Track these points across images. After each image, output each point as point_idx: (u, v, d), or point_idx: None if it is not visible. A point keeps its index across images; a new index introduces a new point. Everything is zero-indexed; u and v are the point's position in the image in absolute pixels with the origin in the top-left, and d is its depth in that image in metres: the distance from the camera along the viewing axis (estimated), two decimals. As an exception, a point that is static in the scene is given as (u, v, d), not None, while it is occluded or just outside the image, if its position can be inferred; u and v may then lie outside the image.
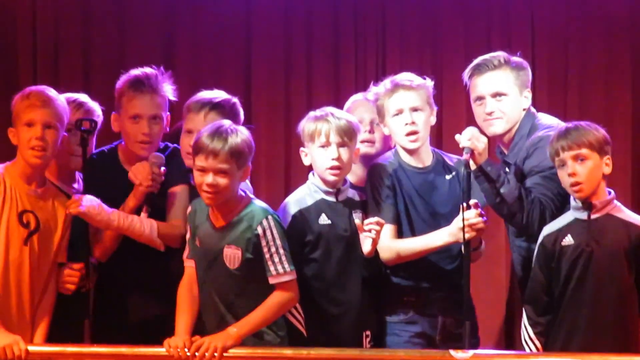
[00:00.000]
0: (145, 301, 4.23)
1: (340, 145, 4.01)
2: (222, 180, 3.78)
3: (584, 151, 3.84)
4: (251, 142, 3.88)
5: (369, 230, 3.92)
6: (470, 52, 5.67)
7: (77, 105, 4.25)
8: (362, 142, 4.28)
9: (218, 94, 4.27)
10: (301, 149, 4.13)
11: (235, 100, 4.28)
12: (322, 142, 4.02)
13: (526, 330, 3.95)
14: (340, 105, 4.36)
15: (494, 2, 6.01)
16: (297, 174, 5.70)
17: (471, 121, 4.33)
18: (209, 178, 3.78)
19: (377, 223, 3.93)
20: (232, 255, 3.84)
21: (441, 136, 5.75)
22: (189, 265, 3.96)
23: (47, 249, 4.03)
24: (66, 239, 4.09)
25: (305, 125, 4.07)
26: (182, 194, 4.21)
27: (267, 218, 3.83)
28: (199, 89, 4.40)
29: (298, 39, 6.03)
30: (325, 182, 4.06)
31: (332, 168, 4.01)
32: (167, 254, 4.19)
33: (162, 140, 4.32)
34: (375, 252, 4.04)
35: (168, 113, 4.30)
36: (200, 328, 3.88)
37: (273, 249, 3.81)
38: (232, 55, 6.01)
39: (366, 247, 3.95)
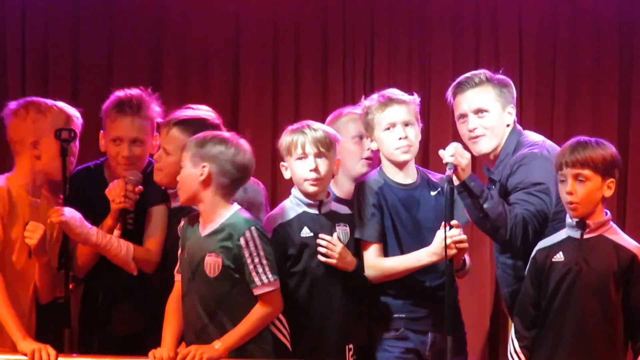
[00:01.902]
0: (129, 312, 4.23)
1: (318, 155, 3.99)
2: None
3: (586, 172, 3.78)
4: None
5: (325, 248, 3.98)
6: (458, 67, 5.71)
7: None
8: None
9: (196, 112, 4.20)
10: (281, 163, 4.11)
11: (217, 121, 4.19)
12: (299, 154, 4.00)
13: (512, 344, 3.94)
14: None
15: (482, 16, 6.04)
16: (285, 188, 5.69)
17: (458, 136, 4.33)
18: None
19: (330, 242, 3.98)
20: (213, 264, 3.80)
21: (428, 151, 5.77)
22: (178, 279, 3.93)
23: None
24: (58, 244, 4.06)
25: (283, 139, 4.06)
26: (160, 214, 4.19)
27: (250, 229, 3.80)
28: (186, 101, 4.39)
29: (286, 52, 6.03)
30: (305, 194, 4.04)
31: (310, 179, 4.00)
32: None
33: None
34: (359, 265, 4.07)
35: (156, 133, 4.25)
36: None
37: (257, 260, 3.78)
38: (220, 67, 6.00)
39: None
